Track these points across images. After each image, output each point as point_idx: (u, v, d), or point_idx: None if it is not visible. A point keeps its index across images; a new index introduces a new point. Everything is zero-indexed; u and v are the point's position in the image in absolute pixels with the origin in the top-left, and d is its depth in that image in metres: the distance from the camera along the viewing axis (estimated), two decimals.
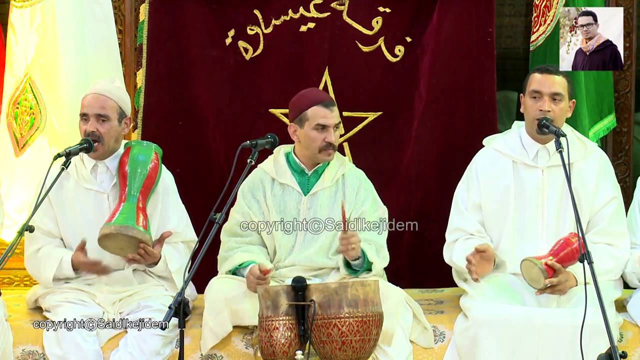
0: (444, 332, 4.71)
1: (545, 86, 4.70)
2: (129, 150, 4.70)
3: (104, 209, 4.70)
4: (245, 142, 4.57)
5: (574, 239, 4.52)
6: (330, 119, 4.73)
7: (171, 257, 4.70)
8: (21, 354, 4.60)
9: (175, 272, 4.70)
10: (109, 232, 4.49)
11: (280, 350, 4.23)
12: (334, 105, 4.79)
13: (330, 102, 4.80)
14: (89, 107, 4.68)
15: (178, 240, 4.79)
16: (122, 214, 4.52)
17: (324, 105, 4.75)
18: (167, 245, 4.69)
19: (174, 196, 4.85)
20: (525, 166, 4.81)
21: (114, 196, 4.71)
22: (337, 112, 4.80)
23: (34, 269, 4.76)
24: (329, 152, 4.76)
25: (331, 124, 4.74)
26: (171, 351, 4.60)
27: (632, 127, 5.77)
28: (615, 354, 3.81)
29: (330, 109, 4.75)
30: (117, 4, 5.65)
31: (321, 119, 4.73)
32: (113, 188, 4.72)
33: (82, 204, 4.72)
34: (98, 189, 4.73)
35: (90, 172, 4.74)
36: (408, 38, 5.61)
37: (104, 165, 4.75)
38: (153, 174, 4.67)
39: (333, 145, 4.75)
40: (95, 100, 4.68)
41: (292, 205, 4.81)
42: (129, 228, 4.48)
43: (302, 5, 5.59)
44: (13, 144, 5.44)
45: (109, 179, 4.74)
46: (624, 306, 4.81)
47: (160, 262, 4.66)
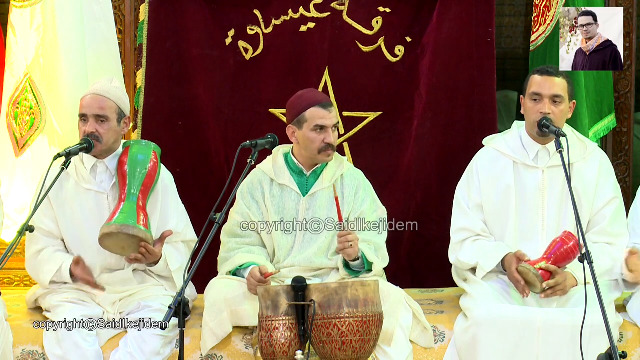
0: (444, 332, 4.71)
1: (545, 88, 4.70)
2: (127, 149, 4.70)
3: (104, 209, 4.70)
4: (245, 142, 4.57)
5: (568, 237, 4.52)
6: (329, 120, 4.73)
7: (171, 256, 4.70)
8: (21, 354, 4.60)
9: (175, 272, 4.70)
10: (110, 231, 4.49)
11: (280, 350, 4.23)
12: (332, 106, 4.78)
13: (328, 102, 4.79)
14: (88, 107, 4.68)
15: (178, 240, 4.79)
16: (122, 213, 4.52)
17: (322, 106, 4.74)
18: (167, 245, 4.69)
19: (174, 196, 4.85)
20: (525, 166, 4.81)
21: (113, 196, 4.71)
22: (335, 112, 4.80)
23: (33, 270, 4.76)
24: (328, 153, 4.76)
25: (329, 125, 4.73)
26: (171, 351, 4.60)
27: (632, 127, 5.77)
28: (615, 354, 3.81)
29: (328, 109, 4.74)
30: (117, 4, 5.65)
31: (319, 120, 4.73)
32: (113, 188, 4.72)
33: (82, 204, 4.72)
34: (98, 189, 4.73)
35: (90, 172, 4.74)
36: (408, 38, 5.61)
37: (104, 165, 4.75)
38: (152, 173, 4.67)
39: (332, 146, 4.75)
40: (94, 101, 4.68)
41: (291, 206, 4.80)
42: (130, 227, 4.48)
43: (302, 5, 5.59)
44: (13, 144, 5.44)
45: (108, 179, 4.74)
46: (624, 306, 4.81)
47: (161, 261, 4.66)
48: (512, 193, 4.79)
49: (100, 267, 4.72)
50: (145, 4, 5.56)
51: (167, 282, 4.75)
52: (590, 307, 4.18)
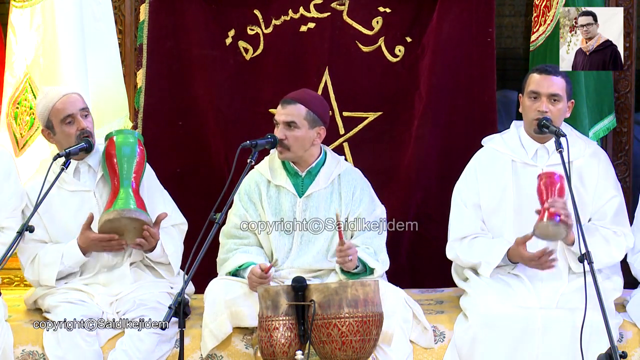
0: (444, 332, 4.71)
1: (543, 87, 4.70)
2: (112, 140, 4.69)
3: (93, 206, 4.70)
4: (245, 142, 4.57)
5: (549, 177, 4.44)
6: (279, 115, 4.71)
7: (165, 240, 4.71)
8: (21, 355, 4.60)
9: (171, 255, 4.72)
10: (112, 217, 4.49)
11: (280, 350, 4.23)
12: (291, 104, 4.70)
13: (289, 100, 4.73)
14: (71, 106, 4.67)
15: (168, 225, 4.79)
16: (120, 199, 4.53)
17: (281, 103, 4.75)
18: (159, 230, 4.69)
19: (157, 184, 4.89)
20: (524, 165, 4.81)
21: (100, 192, 4.71)
22: (293, 110, 4.69)
23: (34, 275, 4.74)
24: (279, 149, 4.73)
25: (279, 120, 4.70)
26: (169, 350, 4.60)
27: (632, 127, 5.77)
28: (615, 354, 3.82)
29: (283, 105, 4.72)
30: (117, 4, 5.65)
31: (275, 116, 4.75)
32: (98, 184, 4.72)
33: (69, 207, 4.72)
34: (83, 189, 4.73)
35: (73, 175, 4.73)
36: (408, 38, 5.61)
37: (86, 165, 4.75)
38: (141, 160, 4.69)
39: (282, 142, 4.69)
40: (72, 99, 4.69)
41: (287, 207, 4.79)
42: (132, 211, 4.50)
43: (302, 5, 5.59)
44: (13, 144, 5.44)
45: (92, 177, 4.74)
46: (624, 306, 4.81)
47: (158, 245, 4.67)
48: (510, 192, 4.79)
49: (98, 266, 4.73)
50: (145, 4, 5.56)
51: (163, 269, 4.75)
52: (590, 307, 4.19)
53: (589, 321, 4.21)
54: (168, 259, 4.74)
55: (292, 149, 4.73)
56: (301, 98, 4.75)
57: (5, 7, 5.74)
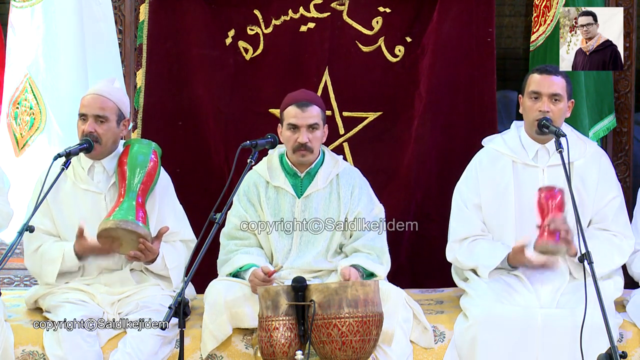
0: (444, 332, 4.71)
1: (544, 87, 4.70)
2: (128, 148, 4.69)
3: (101, 209, 4.69)
4: (245, 142, 4.56)
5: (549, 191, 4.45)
6: (301, 119, 4.67)
7: (168, 254, 4.69)
8: (21, 355, 4.60)
9: (172, 270, 4.70)
10: (109, 226, 4.49)
11: (280, 351, 4.23)
12: (309, 106, 4.68)
13: (306, 102, 4.70)
14: (88, 107, 4.68)
15: (176, 239, 4.78)
16: (121, 210, 4.52)
17: (297, 105, 4.69)
18: (165, 243, 4.68)
19: (172, 197, 4.84)
20: (525, 166, 4.81)
21: (111, 197, 4.71)
22: (314, 112, 4.68)
23: (35, 266, 4.75)
24: (302, 153, 4.71)
25: (302, 124, 4.67)
26: (170, 351, 4.60)
27: (632, 127, 5.77)
28: (615, 354, 3.81)
29: (302, 109, 4.68)
30: (117, 4, 5.65)
31: (292, 119, 4.68)
32: (110, 189, 4.72)
33: (79, 204, 4.72)
34: (95, 190, 4.73)
35: (87, 172, 4.73)
36: (408, 38, 5.61)
37: (101, 166, 4.75)
38: (152, 172, 4.66)
39: (306, 145, 4.68)
40: (94, 101, 4.67)
41: (286, 208, 4.79)
42: (129, 222, 4.49)
43: (302, 5, 5.59)
44: (13, 144, 5.44)
45: (106, 180, 4.74)
46: (624, 306, 4.81)
47: (158, 259, 4.65)
48: (510, 192, 4.79)
49: (98, 267, 4.73)
50: (145, 4, 5.57)
51: (164, 280, 4.75)
52: (590, 307, 4.19)
53: (589, 321, 4.21)
54: (169, 272, 4.73)
55: (314, 151, 4.73)
56: (311, 98, 4.75)
57: (5, 7, 5.74)
